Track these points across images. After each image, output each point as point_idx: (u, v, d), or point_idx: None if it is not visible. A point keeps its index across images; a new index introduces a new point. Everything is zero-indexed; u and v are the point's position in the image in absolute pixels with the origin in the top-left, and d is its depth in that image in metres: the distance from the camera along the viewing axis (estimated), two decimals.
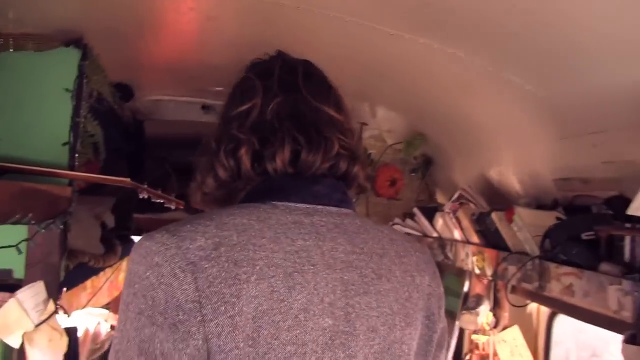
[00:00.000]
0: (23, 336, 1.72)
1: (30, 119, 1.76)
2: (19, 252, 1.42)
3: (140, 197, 1.85)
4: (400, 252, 0.85)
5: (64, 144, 1.79)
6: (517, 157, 1.89)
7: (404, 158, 2.76)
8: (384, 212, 2.87)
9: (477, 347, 2.07)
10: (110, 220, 3.53)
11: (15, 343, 1.71)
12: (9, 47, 1.76)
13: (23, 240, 1.48)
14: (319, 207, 0.82)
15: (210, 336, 0.68)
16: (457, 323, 2.01)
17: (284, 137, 0.82)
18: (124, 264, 3.67)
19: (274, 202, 0.81)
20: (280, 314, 0.71)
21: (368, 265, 0.80)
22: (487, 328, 2.03)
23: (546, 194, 1.81)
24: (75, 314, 3.41)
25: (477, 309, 1.91)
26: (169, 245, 0.72)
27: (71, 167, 1.79)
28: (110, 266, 2.81)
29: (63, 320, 2.76)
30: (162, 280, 0.70)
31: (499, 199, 2.04)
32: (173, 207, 2.01)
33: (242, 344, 0.69)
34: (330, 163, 0.83)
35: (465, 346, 2.13)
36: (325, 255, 0.77)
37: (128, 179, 1.73)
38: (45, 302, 1.73)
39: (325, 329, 0.74)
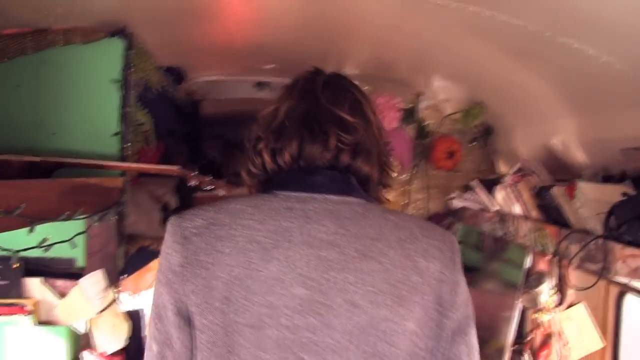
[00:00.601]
0: (88, 322, 1.80)
1: (81, 112, 1.81)
2: (73, 246, 1.47)
3: (190, 184, 1.85)
4: (403, 237, 0.92)
5: (115, 134, 1.83)
6: (582, 125, 1.74)
7: (462, 128, 2.63)
8: (444, 185, 2.78)
9: (540, 325, 1.97)
10: (172, 201, 3.63)
11: (81, 328, 1.80)
12: (59, 42, 1.79)
13: (77, 234, 1.53)
14: (317, 195, 0.93)
15: (189, 293, 0.88)
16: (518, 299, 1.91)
17: (292, 133, 0.96)
18: None
19: (276, 192, 0.95)
20: (252, 280, 0.85)
21: (351, 245, 0.89)
22: (551, 306, 1.92)
23: (614, 164, 1.66)
24: (144, 294, 3.58)
25: (538, 288, 1.81)
26: (174, 225, 0.92)
27: (123, 157, 1.83)
28: None
29: (130, 302, 2.89)
30: (166, 250, 0.91)
31: (563, 170, 1.90)
32: (222, 192, 2.01)
33: (217, 303, 0.86)
34: (331, 154, 0.95)
35: (528, 324, 2.03)
36: (305, 234, 0.88)
37: (177, 167, 1.74)
38: (106, 289, 1.81)
39: (296, 297, 0.86)
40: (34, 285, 1.85)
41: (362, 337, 0.86)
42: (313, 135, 0.95)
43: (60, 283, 1.87)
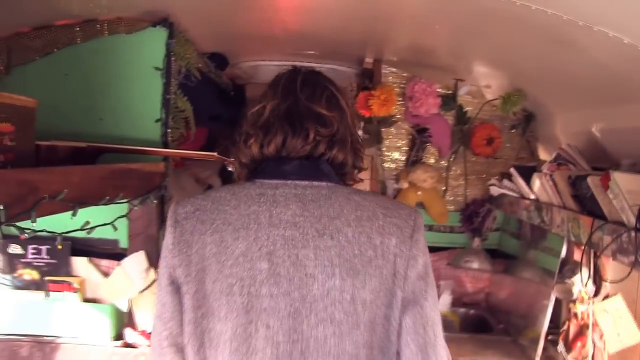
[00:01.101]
0: (130, 301, 1.90)
1: (126, 99, 1.88)
2: (115, 228, 1.55)
3: (229, 169, 1.91)
4: (362, 216, 1.04)
5: (157, 120, 1.90)
6: (620, 113, 1.70)
7: (502, 115, 2.59)
8: (483, 171, 2.75)
9: (575, 316, 1.95)
10: (216, 183, 3.73)
11: (123, 306, 1.90)
12: (104, 31, 1.87)
13: (118, 217, 1.61)
14: (288, 181, 1.07)
15: (177, 266, 1.05)
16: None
17: (277, 129, 1.08)
18: None
19: (256, 180, 1.10)
20: (225, 256, 1.02)
21: (312, 226, 1.02)
22: (586, 297, 1.89)
23: None
24: None
25: (572, 278, 1.78)
26: (171, 211, 1.10)
27: (164, 143, 1.90)
28: None
29: None
30: (165, 231, 1.09)
31: (602, 159, 1.86)
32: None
33: (197, 274, 1.03)
34: (310, 146, 1.08)
35: (564, 314, 2.01)
36: (272, 217, 1.03)
37: (215, 154, 1.80)
38: (147, 270, 1.89)
39: (261, 270, 1.01)
40: (80, 265, 1.97)
41: (317, 305, 1.00)
42: (295, 131, 1.08)
43: (105, 263, 1.99)
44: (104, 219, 1.60)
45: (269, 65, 3.51)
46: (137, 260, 1.89)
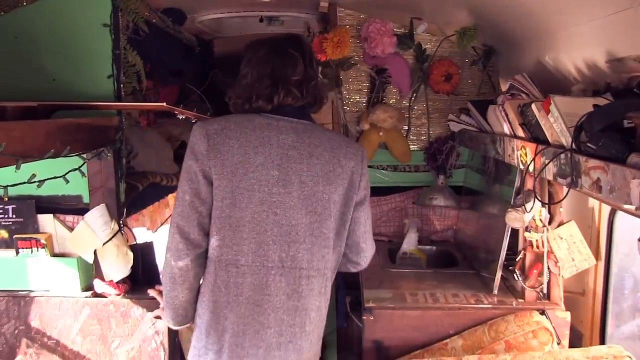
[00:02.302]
0: (95, 253, 1.93)
1: (77, 58, 1.87)
2: (67, 181, 1.56)
3: (180, 117, 1.92)
4: (333, 146, 1.52)
5: (109, 76, 1.88)
6: (571, 39, 1.71)
7: (462, 51, 2.59)
8: (445, 109, 2.77)
9: (531, 245, 2.00)
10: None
11: (89, 259, 1.92)
12: None
13: (70, 171, 1.62)
14: (286, 118, 1.51)
15: (211, 166, 1.44)
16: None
17: (267, 92, 1.51)
18: None
19: (261, 114, 1.52)
20: (248, 164, 1.44)
21: (305, 149, 1.48)
22: (540, 225, 1.94)
23: (601, 78, 1.64)
24: (161, 228, 3.73)
25: (525, 206, 1.82)
26: (201, 127, 1.48)
27: (118, 98, 1.88)
28: None
29: (145, 235, 3.02)
30: (195, 141, 1.47)
31: (555, 88, 1.88)
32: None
33: (227, 174, 1.44)
34: (293, 99, 1.52)
35: (520, 243, 2.06)
36: (279, 140, 1.47)
37: (164, 104, 1.80)
38: (109, 222, 1.91)
39: (273, 176, 1.46)
40: (47, 221, 1.97)
41: (307, 201, 1.47)
42: (280, 92, 1.50)
43: (70, 218, 1.99)
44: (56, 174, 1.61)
45: (232, 17, 3.45)
46: (98, 213, 1.90)
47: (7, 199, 1.66)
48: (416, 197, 2.82)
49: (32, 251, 1.96)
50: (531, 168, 1.66)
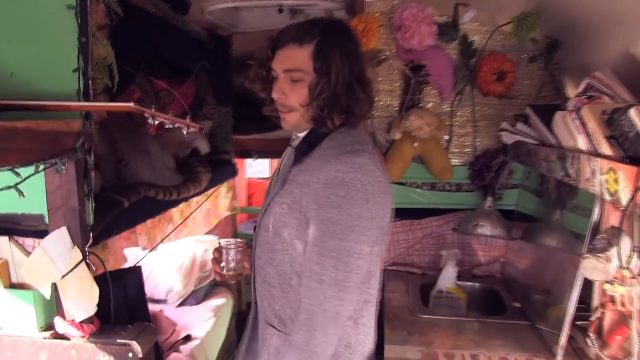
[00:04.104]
0: (54, 286, 1.57)
1: (38, 47, 1.55)
2: (20, 194, 1.22)
3: (150, 122, 1.53)
4: None
5: (74, 70, 1.53)
6: None
7: (519, 43, 2.10)
8: (496, 115, 2.29)
9: (612, 300, 1.50)
10: (203, 146, 3.35)
11: (46, 293, 1.58)
12: None
13: (7, 187, 1.25)
14: None
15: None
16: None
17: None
18: (222, 189, 3.53)
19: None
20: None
21: None
22: (628, 275, 1.43)
23: None
24: (162, 247, 3.38)
25: (608, 252, 1.33)
26: (375, 159, 1.24)
27: (85, 96, 1.53)
28: (191, 197, 2.59)
29: (139, 256, 2.65)
30: (384, 180, 1.26)
31: None
32: (186, 130, 1.69)
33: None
34: None
35: (597, 297, 1.56)
36: None
37: (132, 104, 1.41)
38: (70, 250, 1.55)
39: None
40: (3, 245, 1.66)
41: None
42: None
43: (30, 242, 1.67)
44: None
45: (246, 7, 3.08)
46: (57, 238, 1.57)
47: None
48: (457, 223, 2.34)
49: None
50: (623, 199, 1.17)
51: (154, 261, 3.34)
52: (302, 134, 1.35)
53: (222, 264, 1.51)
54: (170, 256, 3.37)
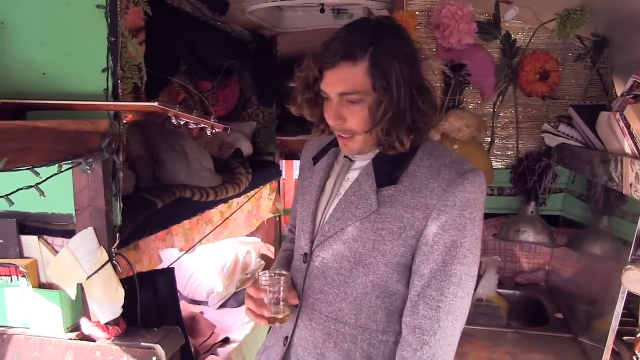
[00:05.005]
0: (81, 287, 1.59)
1: (69, 47, 1.58)
2: (10, 203, 1.21)
3: (174, 122, 1.53)
4: None
5: (103, 70, 1.55)
6: None
7: (564, 41, 1.99)
8: (539, 116, 2.18)
9: None
10: (246, 147, 3.36)
11: (72, 293, 1.59)
12: None
13: (22, 188, 1.26)
14: None
15: None
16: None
17: None
18: (264, 191, 3.51)
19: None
20: None
21: None
22: None
23: None
24: (220, 244, 3.38)
25: None
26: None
27: (114, 96, 1.55)
28: (230, 198, 2.59)
29: (176, 255, 2.66)
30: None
31: None
32: (210, 130, 1.67)
33: None
34: None
35: None
36: None
37: (156, 104, 1.42)
38: (96, 250, 1.56)
39: None
40: (32, 244, 1.68)
41: None
42: None
43: (59, 242, 1.68)
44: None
45: (288, 7, 3.07)
46: (84, 238, 1.58)
47: None
48: (498, 228, 2.23)
49: (10, 279, 1.65)
50: None
51: (195, 262, 3.36)
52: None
53: (267, 303, 1.22)
54: (212, 257, 3.38)
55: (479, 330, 1.87)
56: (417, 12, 2.13)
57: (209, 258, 3.37)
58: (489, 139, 2.24)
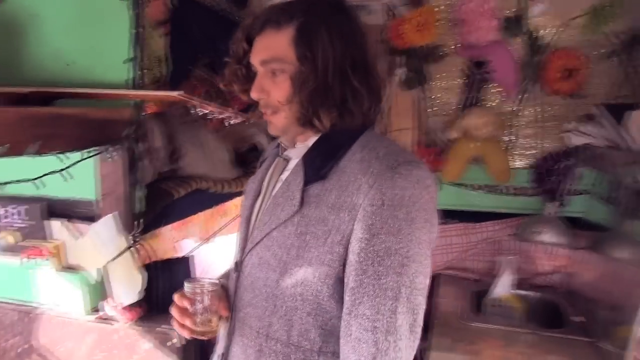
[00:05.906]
0: (106, 270, 1.63)
1: (93, 39, 1.64)
2: (37, 187, 1.26)
3: (194, 112, 1.55)
4: None
5: (126, 60, 1.59)
6: None
7: (593, 37, 1.95)
8: (562, 115, 2.12)
9: None
10: (263, 142, 3.37)
11: (92, 276, 1.64)
12: None
13: (47, 174, 1.30)
14: None
15: None
16: None
17: None
18: None
19: None
20: None
21: None
22: None
23: None
24: (217, 239, 3.41)
25: None
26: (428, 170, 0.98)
27: (137, 86, 1.58)
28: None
29: (191, 248, 2.69)
30: (435, 198, 0.98)
31: None
32: (232, 120, 1.69)
33: None
34: None
35: None
36: None
37: (177, 93, 1.43)
38: (117, 236, 1.59)
39: None
40: (57, 228, 1.73)
41: None
42: None
43: (84, 227, 1.73)
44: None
45: None
46: (105, 224, 1.63)
47: None
48: (516, 229, 2.20)
49: (40, 261, 1.73)
50: None
51: (214, 253, 3.39)
52: (305, 143, 1.07)
53: (191, 312, 1.09)
54: (231, 249, 3.41)
55: (494, 329, 1.84)
56: (438, 8, 2.11)
57: (227, 250, 3.39)
58: (511, 138, 2.21)
